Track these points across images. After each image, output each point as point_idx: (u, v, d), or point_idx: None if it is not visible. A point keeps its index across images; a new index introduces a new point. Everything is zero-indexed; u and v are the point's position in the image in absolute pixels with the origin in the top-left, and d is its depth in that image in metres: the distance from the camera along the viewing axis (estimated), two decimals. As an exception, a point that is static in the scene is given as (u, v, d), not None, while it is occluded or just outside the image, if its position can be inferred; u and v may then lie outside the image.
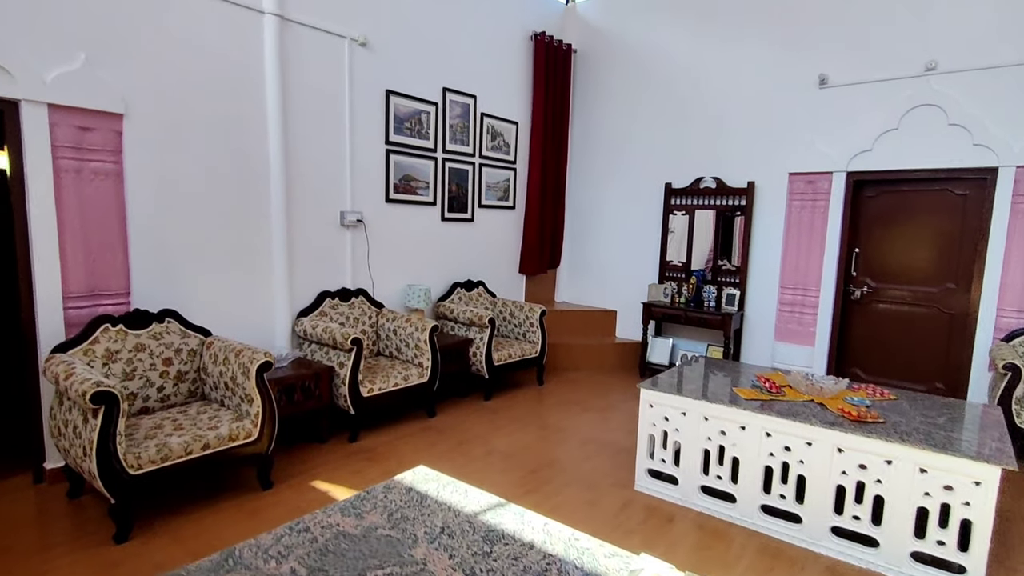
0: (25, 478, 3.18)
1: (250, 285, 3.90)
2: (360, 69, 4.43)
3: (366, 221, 4.59)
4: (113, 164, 3.20)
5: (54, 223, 3.01)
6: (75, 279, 3.11)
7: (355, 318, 4.46)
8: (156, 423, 2.96)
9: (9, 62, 2.79)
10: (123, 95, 3.19)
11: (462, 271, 5.57)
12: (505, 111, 5.83)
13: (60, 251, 3.05)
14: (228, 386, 3.17)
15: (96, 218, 3.16)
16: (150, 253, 3.40)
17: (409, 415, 4.45)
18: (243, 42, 3.72)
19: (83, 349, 2.94)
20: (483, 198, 5.70)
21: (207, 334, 3.43)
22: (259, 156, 3.87)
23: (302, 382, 3.65)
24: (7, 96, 2.82)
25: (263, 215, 3.93)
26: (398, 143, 4.77)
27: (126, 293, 3.31)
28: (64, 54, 2.98)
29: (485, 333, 4.81)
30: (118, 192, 3.23)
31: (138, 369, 3.10)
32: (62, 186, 3.03)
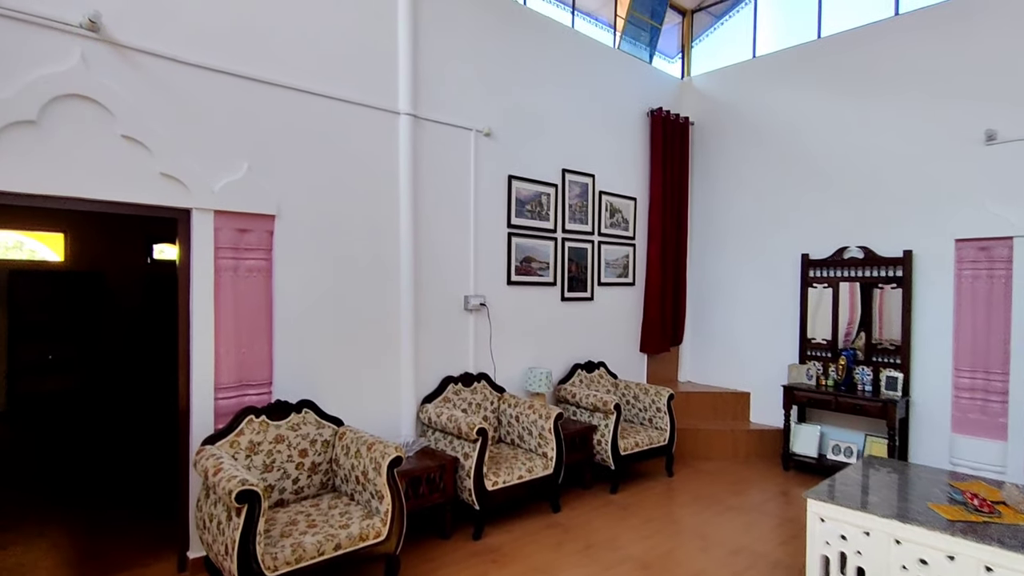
0: (169, 565, 3.27)
1: (379, 372, 3.95)
2: (484, 157, 4.55)
3: (488, 304, 4.57)
4: (264, 261, 3.41)
5: (211, 317, 3.22)
6: (226, 370, 3.28)
7: (477, 404, 4.36)
8: (291, 518, 2.95)
9: (185, 175, 3.11)
10: (276, 197, 3.45)
11: (582, 352, 5.37)
12: (623, 187, 5.74)
13: (215, 343, 3.24)
14: (359, 480, 3.12)
15: (247, 312, 3.35)
16: (290, 344, 3.54)
17: (532, 508, 4.19)
18: (380, 141, 3.94)
19: (229, 441, 3.04)
20: (602, 275, 5.55)
21: (339, 424, 3.47)
22: (391, 247, 4.00)
23: (427, 474, 3.55)
24: (182, 206, 3.13)
25: (392, 302, 4.01)
26: (519, 225, 4.79)
27: (268, 383, 3.45)
28: (230, 164, 3.29)
29: (610, 420, 4.51)
30: (267, 288, 3.43)
31: (276, 461, 3.16)
32: (220, 283, 3.26)
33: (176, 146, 3.09)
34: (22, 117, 2.68)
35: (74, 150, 2.82)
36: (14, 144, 2.67)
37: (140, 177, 3.00)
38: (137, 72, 3.00)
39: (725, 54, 6.44)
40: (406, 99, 4.02)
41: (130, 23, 2.98)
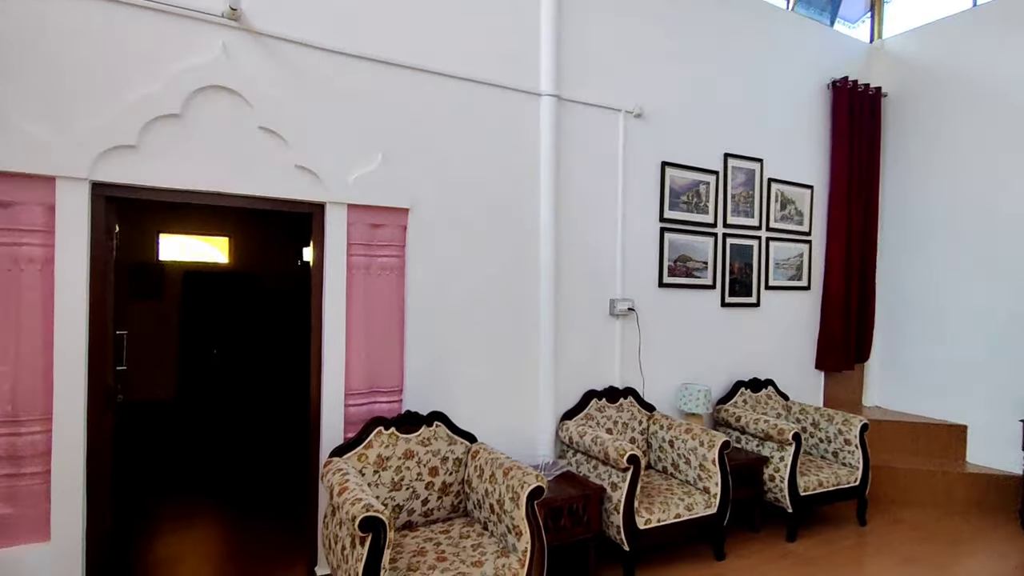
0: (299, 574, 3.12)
1: (515, 382, 3.55)
2: (634, 142, 3.99)
3: (637, 309, 4.00)
4: (396, 259, 3.16)
5: (343, 318, 3.02)
6: (357, 375, 3.06)
7: (624, 423, 3.81)
8: (419, 545, 2.62)
9: (320, 167, 2.93)
10: (410, 190, 3.18)
11: (746, 367, 4.58)
12: (797, 174, 4.86)
13: (346, 346, 3.03)
14: (493, 509, 2.73)
15: (379, 313, 3.11)
16: (421, 349, 3.26)
17: (690, 553, 3.54)
18: (520, 127, 3.56)
19: (357, 454, 2.80)
20: (770, 278, 4.72)
21: (472, 440, 3.11)
22: (530, 245, 3.59)
23: (570, 505, 3.07)
24: (316, 200, 2.95)
25: (531, 306, 3.60)
26: (673, 219, 4.16)
27: (399, 390, 3.18)
28: (364, 155, 3.07)
29: (787, 452, 3.73)
30: (399, 287, 3.17)
31: (405, 478, 2.86)
32: (353, 282, 3.04)
33: (311, 137, 2.92)
34: (167, 111, 2.63)
35: (214, 143, 2.73)
36: (159, 138, 2.62)
37: (276, 170, 2.86)
38: (274, 60, 2.87)
39: (929, 9, 5.27)
40: (548, 78, 3.59)
41: (267, 10, 2.85)
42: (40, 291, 2.44)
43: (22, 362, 2.42)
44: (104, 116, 2.52)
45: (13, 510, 2.41)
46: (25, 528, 2.43)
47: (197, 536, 3.69)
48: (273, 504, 4.21)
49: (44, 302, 2.45)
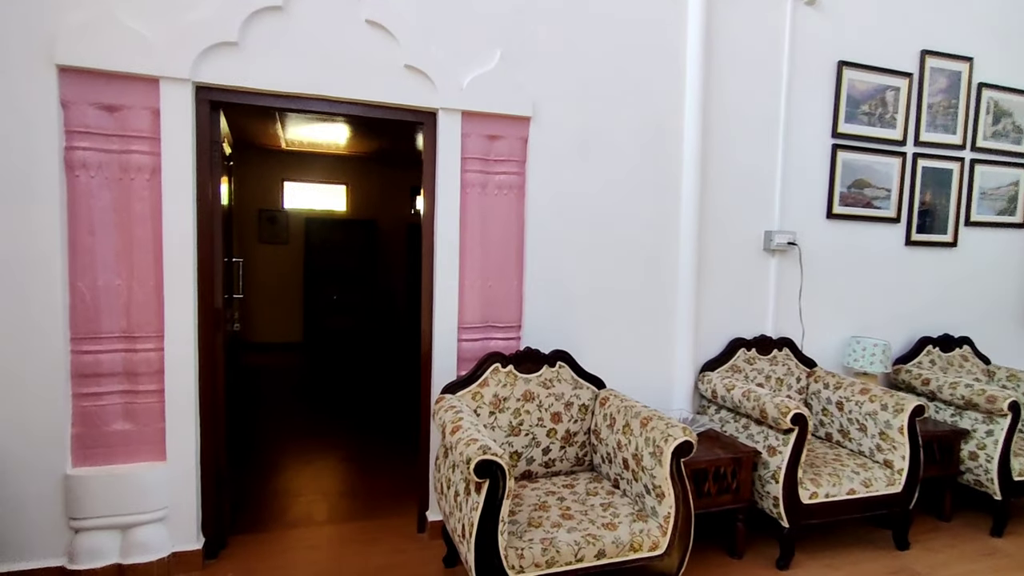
0: (410, 521, 2.92)
1: (648, 324, 3.06)
2: (804, 37, 3.23)
3: (799, 244, 3.31)
4: (516, 176, 2.75)
5: (456, 243, 2.68)
6: (471, 307, 2.74)
7: (778, 378, 3.20)
8: (540, 499, 2.28)
9: (432, 68, 2.56)
10: (532, 95, 2.73)
11: (934, 321, 3.73)
12: (1018, 78, 3.79)
13: (460, 275, 2.70)
14: (627, 464, 2.31)
15: (496, 238, 2.74)
16: (542, 281, 2.86)
17: (863, 537, 2.92)
18: (663, 18, 2.96)
19: (472, 392, 2.48)
20: (973, 211, 3.77)
21: (600, 385, 2.69)
22: (671, 163, 3.03)
23: (716, 468, 2.58)
24: (428, 106, 2.60)
25: (670, 236, 3.06)
26: (850, 135, 3.37)
27: (517, 326, 2.82)
28: (480, 53, 2.66)
29: (996, 425, 2.94)
30: (518, 209, 2.77)
31: (524, 423, 2.51)
32: (467, 203, 2.69)
33: (423, 31, 2.55)
34: (269, 2, 2.36)
35: (318, 39, 2.45)
36: (261, 34, 2.38)
37: (385, 71, 2.53)
38: (381, -58, 2.50)
39: None
40: (698, -43, 2.94)
41: None
42: (149, 202, 2.32)
43: (135, 276, 2.33)
44: (204, 8, 2.30)
45: (132, 427, 2.37)
46: (144, 447, 2.38)
47: (313, 472, 3.65)
48: (389, 444, 4.11)
49: (153, 214, 2.32)
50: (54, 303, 2.23)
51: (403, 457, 3.83)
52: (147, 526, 2.37)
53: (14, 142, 2.15)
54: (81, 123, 2.22)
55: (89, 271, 2.27)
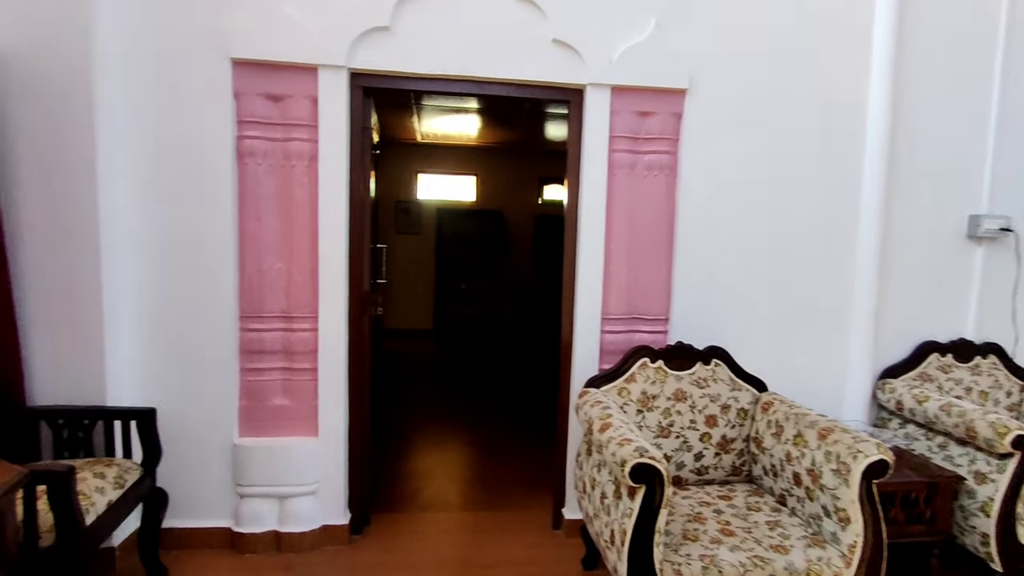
0: (544, 515, 2.83)
1: (816, 322, 2.70)
2: None
3: (1016, 229, 2.75)
4: (668, 155, 2.53)
5: (602, 228, 2.52)
6: (616, 297, 2.56)
7: (982, 391, 2.69)
8: (693, 510, 2.06)
9: (580, 41, 2.41)
10: (688, 66, 2.49)
11: None
12: None
13: (605, 262, 2.54)
14: (799, 480, 2.01)
15: (643, 223, 2.54)
16: (692, 270, 2.61)
17: (1099, 594, 2.36)
18: (841, -30, 2.57)
19: (617, 387, 2.31)
20: None
21: (761, 388, 2.40)
22: (847, 140, 2.64)
23: (906, 493, 2.19)
24: (575, 83, 2.46)
25: (844, 223, 2.67)
26: (1090, 96, 2.73)
27: (664, 319, 2.60)
28: (633, 22, 2.46)
29: None
30: (669, 191, 2.55)
31: (675, 424, 2.30)
32: (614, 184, 2.51)
33: (573, 2, 2.41)
34: (418, -18, 2.34)
35: (465, 18, 2.39)
36: (411, 17, 2.36)
37: (531, 48, 2.43)
38: (530, -89, 2.39)
39: None
40: None
41: None
42: (308, 188, 2.41)
43: (295, 260, 2.43)
44: (359, -5, 2.33)
45: (289, 402, 2.49)
46: (299, 422, 2.49)
47: (443, 456, 3.69)
48: (517, 433, 4.07)
49: (311, 200, 2.41)
50: (228, 284, 2.39)
51: (532, 447, 3.75)
52: (301, 498, 2.48)
53: (199, 133, 2.32)
54: (250, 113, 2.34)
55: (255, 255, 2.41)
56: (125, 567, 2.30)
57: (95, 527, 1.80)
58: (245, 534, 2.44)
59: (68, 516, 1.65)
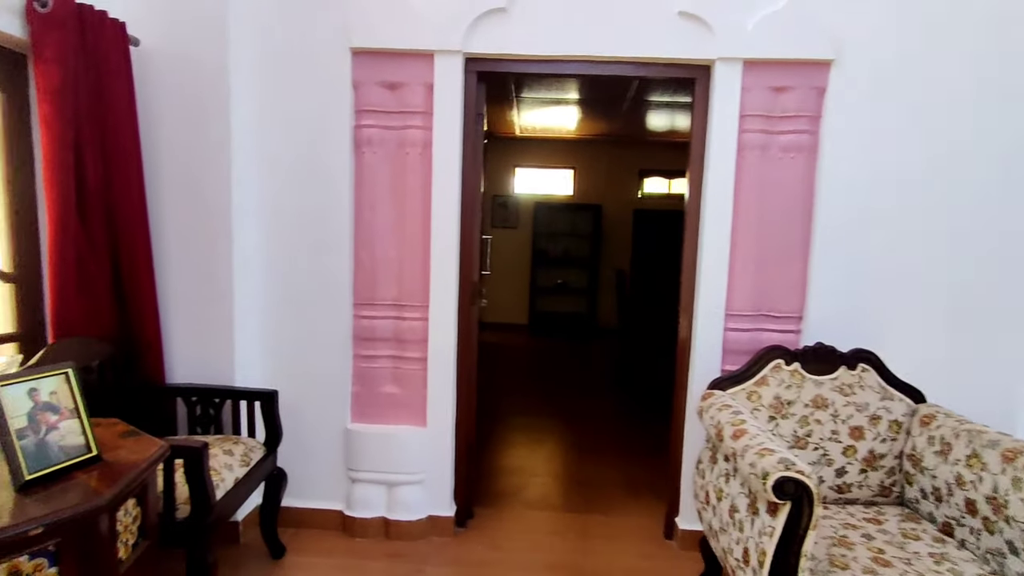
0: (654, 522, 2.66)
1: (989, 327, 2.33)
2: None
3: None
4: (807, 135, 2.27)
5: (729, 217, 2.31)
6: (741, 292, 2.35)
7: None
8: (837, 532, 1.82)
9: (710, 11, 2.22)
10: (833, 33, 2.22)
11: None
12: None
13: (730, 253, 2.33)
14: (974, 509, 1.73)
15: (775, 211, 2.31)
16: (833, 264, 2.33)
17: None
18: (1028, -86, 2.18)
19: (747, 390, 2.10)
20: None
21: (918, 399, 2.09)
22: (1030, 107, 2.24)
23: (1111, 533, 1.82)
24: (701, 59, 2.27)
25: (1023, 209, 2.28)
26: None
27: (797, 318, 2.35)
28: (769, -13, 2.23)
29: None
30: (807, 176, 2.29)
31: (814, 435, 2.06)
32: (743, 168, 2.30)
33: (699, -29, 2.22)
34: (535, -40, 2.25)
35: (584, -5, 2.27)
36: (527, -3, 2.27)
37: (655, 22, 2.27)
38: None
39: None
40: None
41: None
42: (421, 176, 2.39)
43: (407, 248, 2.43)
44: (476, -24, 2.27)
45: (399, 390, 2.49)
46: (408, 411, 2.50)
47: (544, 453, 3.61)
48: (620, 433, 3.91)
49: (424, 188, 2.39)
50: (344, 272, 2.42)
51: (632, 449, 3.59)
52: (408, 487, 2.48)
53: (320, 124, 2.37)
54: (368, 102, 2.36)
55: (369, 243, 2.43)
56: (247, 541, 2.40)
57: (224, 501, 1.87)
58: (356, 518, 2.48)
59: (201, 489, 1.71)
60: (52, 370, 1.32)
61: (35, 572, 1.13)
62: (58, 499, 1.19)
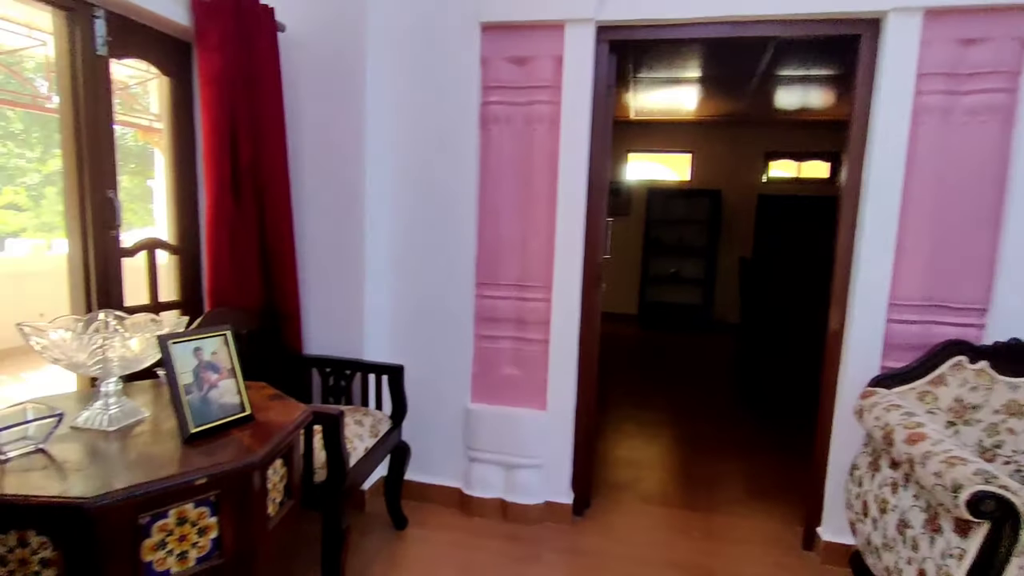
0: (791, 533, 2.42)
1: None
2: None
3: None
4: (1004, 95, 1.93)
5: (898, 195, 2.02)
6: (910, 279, 2.05)
7: None
8: (1041, 564, 1.53)
9: (880, -43, 1.94)
10: (1045, -30, 1.86)
11: None
12: None
13: (897, 233, 2.04)
14: None
15: (957, 184, 1.98)
16: (1033, 248, 1.96)
17: None
18: None
19: (918, 390, 1.83)
20: None
21: None
22: None
23: None
24: (870, 11, 1.99)
25: None
26: None
27: (980, 309, 2.02)
28: (959, -77, 1.90)
29: None
30: (1002, 142, 1.95)
31: (1005, 447, 1.75)
32: (918, 137, 2.00)
33: (870, -89, 1.95)
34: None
35: (730, -50, 2.07)
36: (666, -43, 2.11)
37: (811, -26, 2.02)
38: None
39: None
40: None
41: None
42: (547, 153, 2.32)
43: (530, 227, 2.37)
44: (612, -62, 2.15)
45: (519, 372, 2.45)
46: (527, 393, 2.45)
47: (660, 447, 3.44)
48: (738, 429, 3.64)
49: (550, 165, 2.32)
50: (468, 250, 2.42)
51: (759, 449, 3.32)
52: (527, 470, 2.45)
53: (449, 103, 2.36)
54: (495, 78, 2.32)
55: (493, 221, 2.40)
56: (371, 510, 2.49)
57: (356, 469, 1.92)
58: (474, 497, 2.48)
59: (338, 455, 1.77)
60: (213, 332, 1.39)
61: (199, 519, 1.19)
62: (218, 453, 1.25)
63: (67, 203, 1.81)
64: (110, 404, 1.36)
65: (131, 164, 10.03)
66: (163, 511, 1.13)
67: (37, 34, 4.10)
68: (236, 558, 1.25)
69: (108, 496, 1.04)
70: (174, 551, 1.16)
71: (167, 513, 1.14)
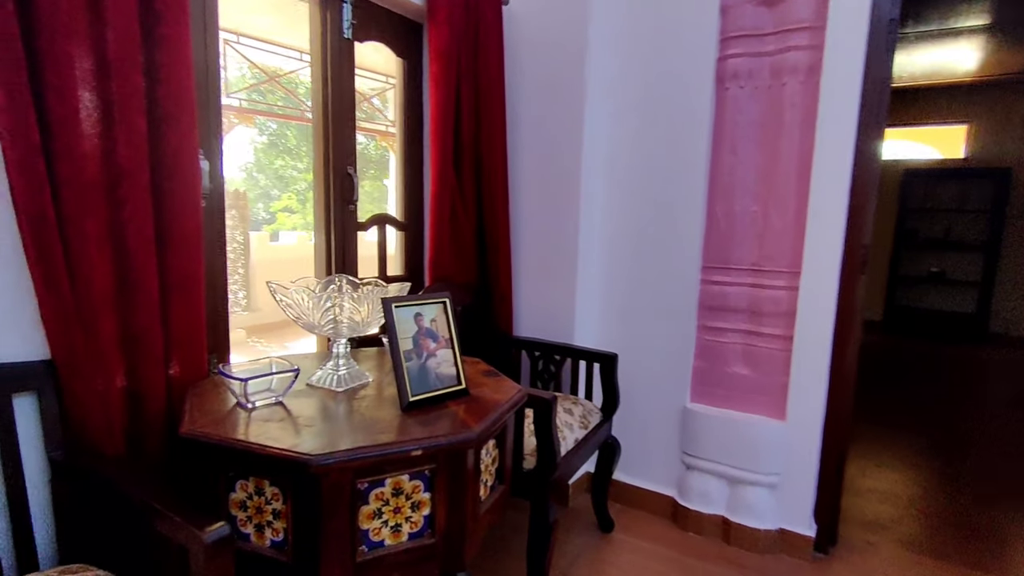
0: None
1: None
2: None
3: None
4: None
5: None
6: None
7: None
8: None
9: None
10: None
11: None
12: None
13: None
14: None
15: None
16: None
17: None
18: None
19: None
20: None
21: None
22: None
23: None
24: None
25: None
26: None
27: None
28: None
29: None
30: None
31: None
32: None
33: None
34: None
35: None
36: None
37: None
38: None
39: None
40: None
41: None
42: (800, 111, 1.92)
43: (773, 201, 1.99)
44: None
45: (751, 372, 2.09)
46: (761, 398, 2.08)
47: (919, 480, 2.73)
48: None
49: (803, 124, 1.91)
50: (693, 229, 2.12)
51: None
52: (755, 488, 2.08)
53: (678, 60, 2.09)
54: (737, 27, 1.98)
55: (727, 195, 2.07)
56: (574, 506, 2.34)
57: (566, 460, 1.77)
58: (690, 510, 2.18)
59: (548, 443, 1.63)
60: (433, 299, 1.34)
61: (413, 492, 1.13)
62: (435, 424, 1.18)
63: (315, 179, 1.96)
64: (340, 365, 1.39)
65: (371, 170, 11.41)
66: (380, 479, 1.09)
67: (307, 57, 4.80)
68: (446, 540, 1.16)
69: (333, 455, 1.01)
70: (388, 522, 1.11)
71: (384, 482, 1.09)
